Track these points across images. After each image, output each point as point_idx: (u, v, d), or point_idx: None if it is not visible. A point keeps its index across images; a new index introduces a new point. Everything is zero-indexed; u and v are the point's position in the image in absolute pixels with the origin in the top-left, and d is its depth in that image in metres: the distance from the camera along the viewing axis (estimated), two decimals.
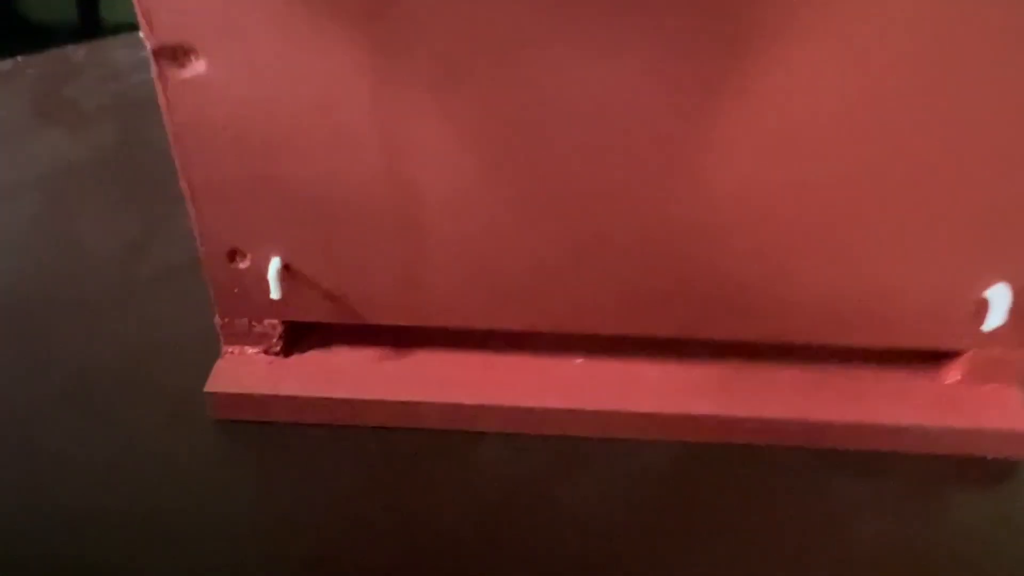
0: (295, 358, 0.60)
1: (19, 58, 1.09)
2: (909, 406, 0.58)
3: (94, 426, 0.59)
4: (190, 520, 0.53)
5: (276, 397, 0.57)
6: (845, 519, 0.54)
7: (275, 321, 0.58)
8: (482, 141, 0.49)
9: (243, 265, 0.55)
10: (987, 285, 0.53)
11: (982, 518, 0.54)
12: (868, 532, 0.53)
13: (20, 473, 0.56)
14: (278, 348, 0.59)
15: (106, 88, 1.03)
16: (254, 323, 0.58)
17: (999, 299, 0.53)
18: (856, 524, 0.53)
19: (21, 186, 0.85)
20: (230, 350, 0.60)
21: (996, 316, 0.52)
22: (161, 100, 0.48)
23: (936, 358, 0.60)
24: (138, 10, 0.45)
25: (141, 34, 0.47)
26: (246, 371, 0.59)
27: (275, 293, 0.54)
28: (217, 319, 0.58)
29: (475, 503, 0.54)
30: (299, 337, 0.61)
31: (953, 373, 0.59)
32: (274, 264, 0.54)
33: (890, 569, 0.51)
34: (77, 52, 1.11)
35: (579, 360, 0.60)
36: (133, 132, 0.94)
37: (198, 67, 0.47)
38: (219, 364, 0.59)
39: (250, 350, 0.60)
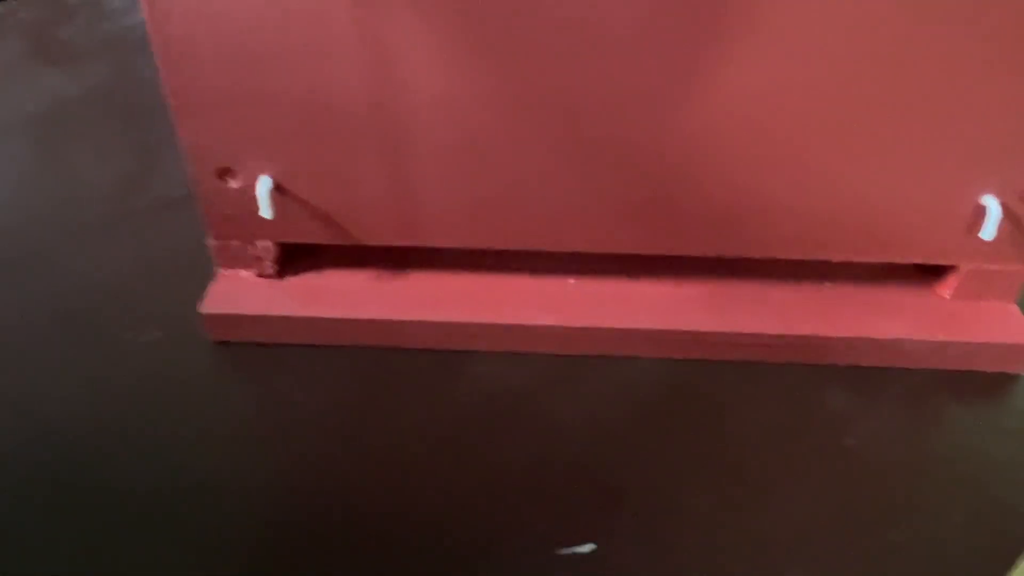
0: (289, 280, 0.60)
1: (13, 1, 1.08)
2: (903, 321, 0.57)
3: (93, 348, 0.59)
4: (185, 435, 0.54)
5: (270, 317, 0.58)
6: (838, 432, 0.54)
7: (268, 243, 0.58)
8: (470, 48, 0.48)
9: (234, 184, 0.55)
10: (979, 196, 0.53)
11: (975, 430, 0.54)
12: (861, 444, 0.53)
13: (20, 390, 0.56)
14: (272, 270, 0.59)
15: (99, 29, 1.03)
16: (247, 245, 0.58)
17: (994, 206, 0.52)
18: (849, 437, 0.53)
19: (18, 124, 0.85)
20: (225, 273, 0.60)
21: (992, 221, 0.52)
22: (145, 12, 0.47)
23: (930, 274, 0.60)
24: None
25: None
26: (240, 293, 0.59)
27: (266, 212, 0.54)
28: (210, 241, 0.58)
29: (465, 416, 0.54)
30: (293, 259, 0.61)
31: (947, 289, 0.59)
32: (264, 182, 0.54)
33: (884, 480, 0.51)
34: None
35: (571, 280, 0.60)
36: (126, 71, 0.94)
37: None
38: (213, 286, 0.59)
39: (244, 273, 0.60)
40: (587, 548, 0.47)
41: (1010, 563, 0.46)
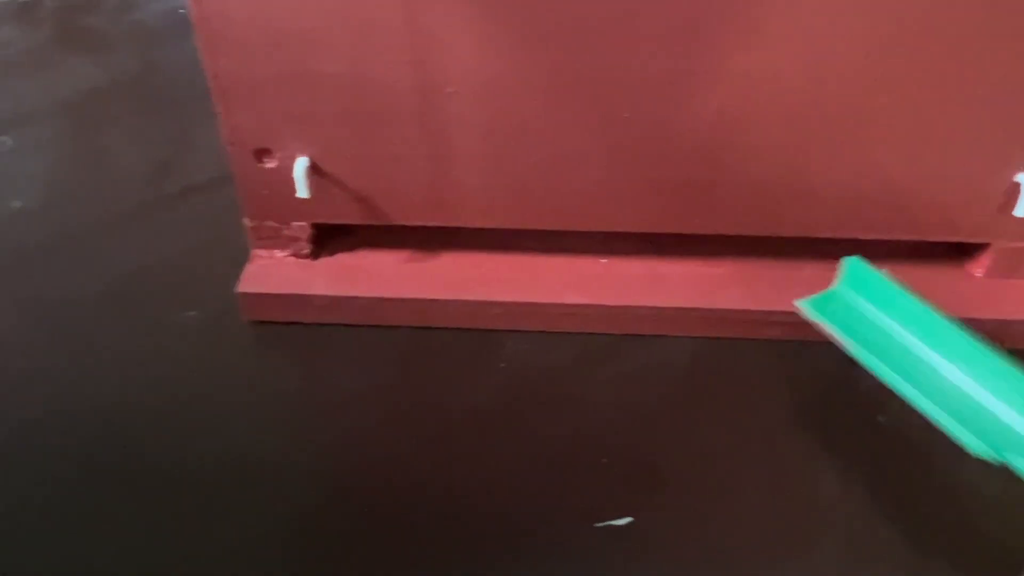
0: (324, 260, 0.61)
1: None
2: (935, 299, 0.57)
3: (132, 328, 0.60)
4: (224, 415, 0.55)
5: (306, 297, 0.58)
6: (871, 410, 0.54)
7: (304, 223, 0.59)
8: (509, 32, 0.49)
9: (271, 164, 0.55)
10: (1014, 174, 0.53)
11: None
12: (893, 422, 0.53)
13: (61, 371, 0.57)
14: (307, 251, 0.60)
15: (125, 17, 1.03)
16: (283, 226, 0.59)
17: None
18: (881, 415, 0.54)
19: (48, 111, 0.85)
20: (260, 253, 0.61)
21: None
22: None
23: (962, 252, 0.60)
24: None
25: None
26: (276, 273, 0.60)
27: (303, 192, 0.55)
28: (246, 221, 0.59)
29: (501, 395, 0.55)
30: (328, 240, 0.61)
31: (979, 267, 0.59)
32: (301, 163, 0.54)
33: (917, 457, 0.51)
34: None
35: (604, 260, 0.60)
36: (153, 59, 0.94)
37: None
38: (249, 267, 0.60)
39: (279, 253, 0.60)
40: (623, 521, 0.48)
41: None
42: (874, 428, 0.53)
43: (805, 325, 0.58)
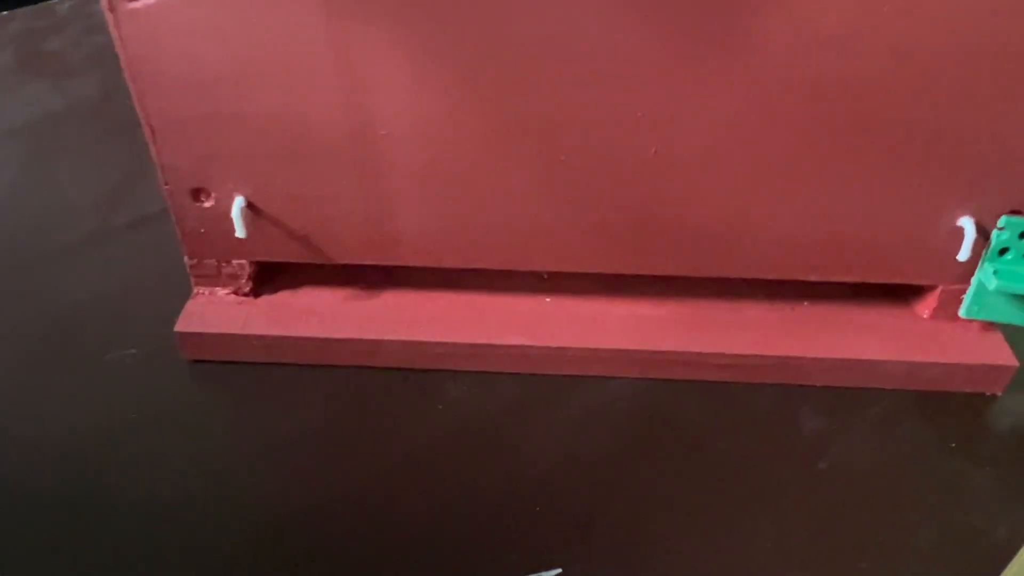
0: (265, 299, 0.60)
1: (4, 12, 1.08)
2: (880, 342, 0.57)
3: (70, 366, 0.59)
4: (162, 455, 0.54)
5: (246, 336, 0.58)
6: (812, 456, 0.53)
7: (243, 261, 0.58)
8: (442, 74, 0.48)
9: (208, 204, 0.55)
10: (956, 218, 0.53)
11: (949, 453, 0.54)
12: (834, 468, 0.53)
13: (2, 411, 0.57)
14: (248, 288, 0.59)
15: (90, 40, 1.03)
16: (223, 263, 0.58)
17: (970, 228, 0.52)
18: (822, 461, 0.53)
19: (2, 136, 0.85)
20: (200, 291, 0.60)
21: (968, 243, 0.52)
22: (112, 32, 0.47)
23: (908, 293, 0.59)
24: None
25: None
26: (216, 311, 0.59)
27: (240, 232, 0.54)
28: (186, 259, 0.58)
29: (436, 438, 0.54)
30: (269, 277, 0.61)
31: (925, 308, 0.58)
32: (238, 203, 0.54)
33: (856, 506, 0.51)
34: (62, 5, 1.11)
35: (548, 299, 0.60)
36: (116, 84, 0.93)
37: None
38: (189, 305, 0.59)
39: (220, 291, 0.60)
40: (552, 573, 0.47)
41: None
42: (814, 475, 0.52)
43: (749, 367, 0.57)
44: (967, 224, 0.52)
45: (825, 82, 0.47)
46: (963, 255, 0.53)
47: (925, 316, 0.58)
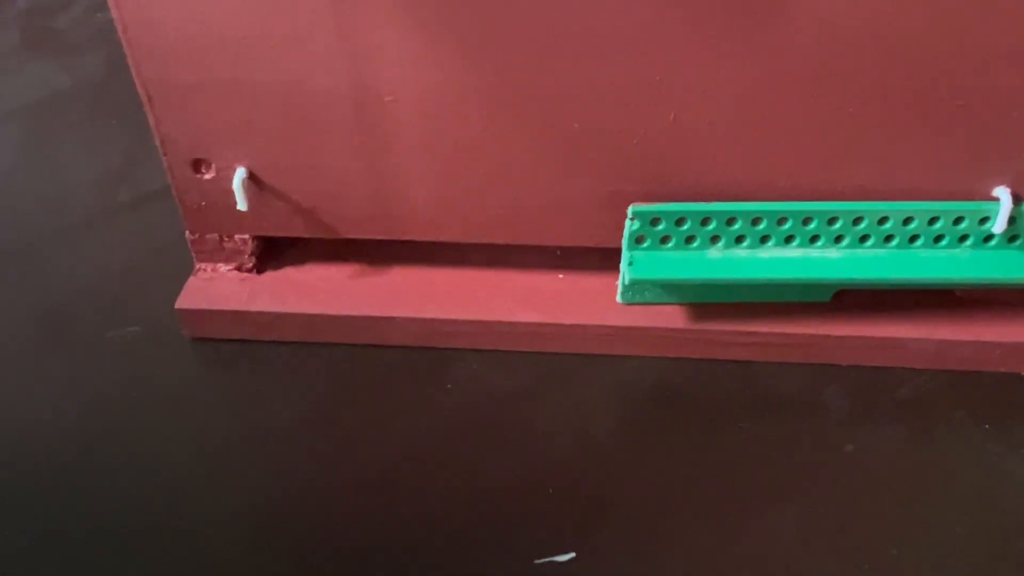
0: (269, 275, 0.58)
1: None
2: (908, 320, 0.55)
3: (73, 344, 0.58)
4: (161, 435, 0.52)
5: (249, 313, 0.56)
6: (838, 439, 0.51)
7: (246, 236, 0.56)
8: (449, 41, 0.46)
9: (208, 176, 0.53)
10: (992, 187, 0.50)
11: (981, 436, 0.51)
12: (861, 452, 0.50)
13: (4, 389, 0.55)
14: (251, 265, 0.58)
15: (95, 19, 1.01)
16: (225, 239, 0.56)
17: (1006, 198, 0.49)
18: (849, 443, 0.51)
19: (7, 115, 0.83)
20: (202, 267, 0.58)
21: (1004, 214, 0.49)
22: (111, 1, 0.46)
23: None
24: None
25: None
26: (218, 288, 0.57)
27: (241, 205, 0.52)
28: (187, 234, 0.56)
29: (445, 419, 0.52)
30: (273, 253, 0.59)
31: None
32: (239, 174, 0.52)
33: (885, 492, 0.48)
34: None
35: (562, 275, 0.57)
36: (118, 63, 0.91)
37: None
38: (191, 282, 0.58)
39: (223, 267, 0.58)
40: (565, 557, 0.45)
41: None
42: (841, 459, 0.50)
43: (771, 345, 0.55)
44: (1003, 194, 0.50)
45: (850, 52, 0.45)
46: (998, 227, 0.50)
47: (957, 293, 0.56)
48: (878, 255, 0.51)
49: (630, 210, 0.50)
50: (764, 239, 0.51)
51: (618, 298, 0.54)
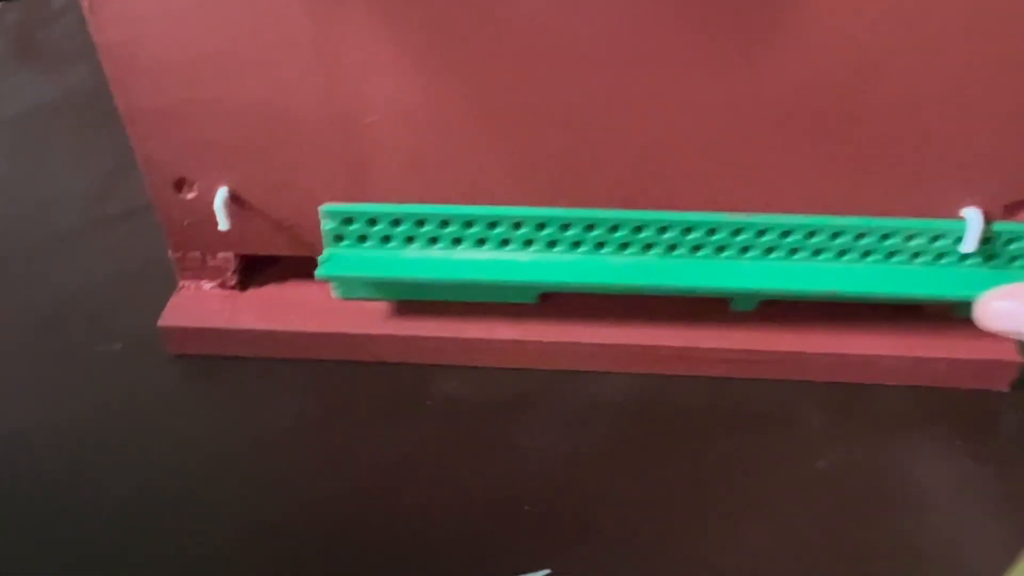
0: (252, 292, 0.59)
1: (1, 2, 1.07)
2: (882, 337, 0.55)
3: (55, 360, 0.59)
4: (147, 453, 0.53)
5: (231, 331, 0.56)
6: (812, 455, 0.52)
7: (229, 254, 0.57)
8: (430, 56, 0.47)
9: (190, 195, 0.53)
10: (961, 208, 0.51)
11: (952, 452, 0.52)
12: (834, 468, 0.51)
13: None
14: (233, 282, 0.58)
15: (85, 32, 1.01)
16: (208, 256, 0.57)
17: (975, 219, 0.50)
18: (822, 460, 0.51)
19: None
20: (185, 284, 0.59)
21: (973, 234, 0.50)
22: (87, 16, 0.46)
23: None
24: None
25: None
26: (201, 305, 0.58)
27: (223, 224, 0.53)
28: (170, 252, 0.57)
29: (424, 435, 0.53)
30: (256, 270, 0.59)
31: (931, 304, 0.56)
32: (221, 193, 0.52)
33: (858, 507, 0.49)
34: None
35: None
36: None
37: None
38: (174, 299, 0.58)
39: (206, 284, 0.58)
40: (541, 574, 0.45)
41: None
42: (814, 475, 0.51)
43: (749, 362, 0.56)
44: (971, 215, 0.50)
45: (828, 67, 0.45)
46: (968, 246, 0.51)
47: (929, 310, 0.56)
48: (596, 259, 0.53)
49: (321, 210, 0.52)
50: (457, 241, 0.53)
51: (332, 293, 0.57)
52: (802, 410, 0.54)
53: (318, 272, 0.53)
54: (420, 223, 0.52)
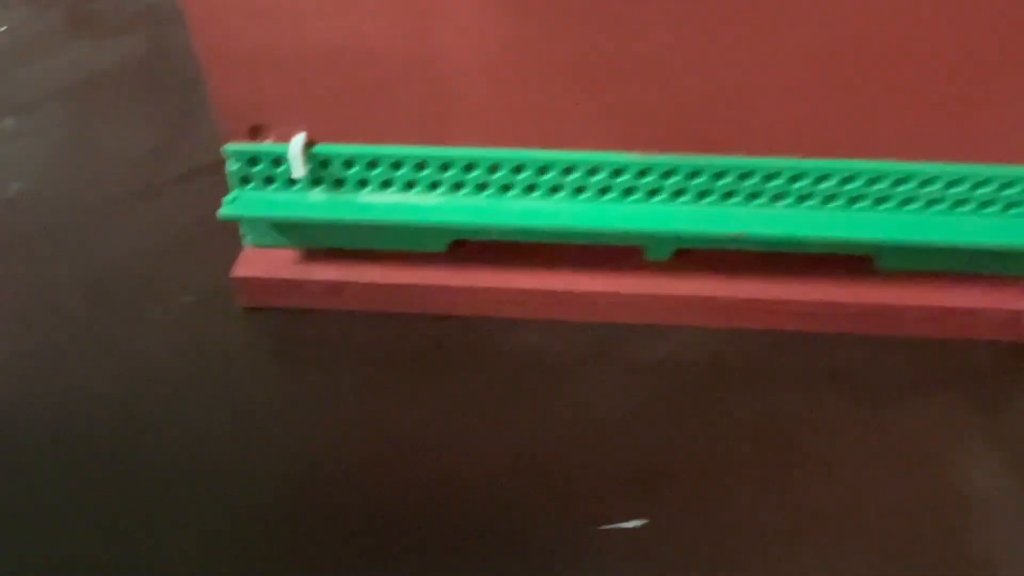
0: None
1: None
2: (973, 290, 0.54)
3: (124, 318, 0.58)
4: (202, 404, 0.52)
5: (304, 281, 0.56)
6: (897, 410, 0.50)
7: None
8: (508, 4, 0.46)
9: (267, 142, 0.53)
10: None
11: None
12: (920, 424, 0.49)
13: (51, 362, 0.56)
14: None
15: (137, 1, 1.02)
16: None
17: None
18: (908, 416, 0.50)
19: (54, 95, 0.84)
20: None
21: None
22: None
23: None
24: None
25: None
26: (273, 256, 0.57)
27: (299, 171, 0.52)
28: None
29: (503, 388, 0.52)
30: None
31: None
32: (298, 140, 0.52)
33: (940, 462, 0.48)
34: None
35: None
36: (162, 42, 0.92)
37: None
38: (246, 251, 0.58)
39: None
40: (632, 524, 0.44)
41: None
42: (900, 431, 0.49)
43: (830, 317, 0.54)
44: None
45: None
46: None
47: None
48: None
49: (224, 149, 0.51)
50: (363, 183, 0.52)
51: (242, 242, 0.56)
52: (887, 365, 0.53)
53: (220, 212, 0.52)
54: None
